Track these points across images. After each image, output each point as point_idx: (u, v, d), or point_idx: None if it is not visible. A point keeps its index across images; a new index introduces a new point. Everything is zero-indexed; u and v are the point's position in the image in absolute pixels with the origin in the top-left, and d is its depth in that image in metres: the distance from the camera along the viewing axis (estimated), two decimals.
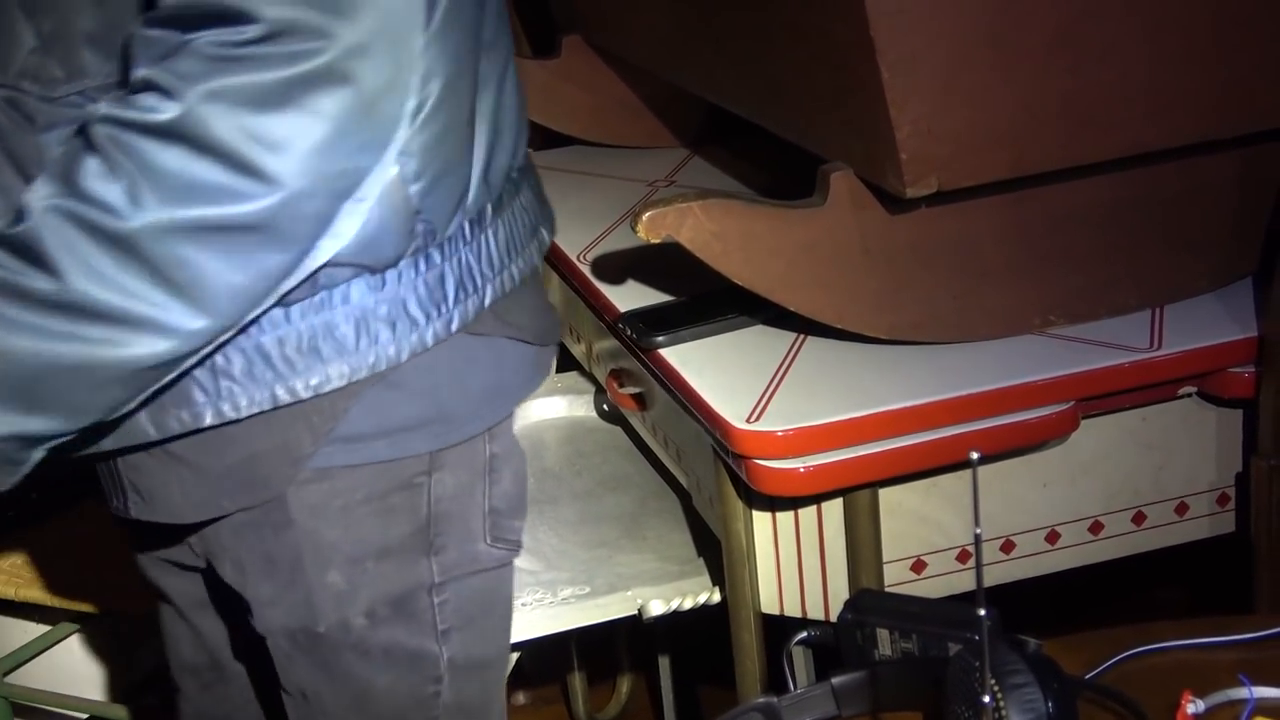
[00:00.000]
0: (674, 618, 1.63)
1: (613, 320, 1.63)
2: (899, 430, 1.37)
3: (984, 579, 0.94)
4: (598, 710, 2.41)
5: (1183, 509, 1.53)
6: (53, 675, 2.33)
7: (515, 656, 1.64)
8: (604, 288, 1.68)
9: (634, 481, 1.85)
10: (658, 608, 1.59)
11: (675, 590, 1.61)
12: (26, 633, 2.30)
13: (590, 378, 1.95)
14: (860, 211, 1.41)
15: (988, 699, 0.99)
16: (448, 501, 1.19)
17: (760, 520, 1.45)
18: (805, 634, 1.38)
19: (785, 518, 1.44)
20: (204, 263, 0.98)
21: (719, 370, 1.47)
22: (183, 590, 1.34)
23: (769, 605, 1.48)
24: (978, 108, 1.34)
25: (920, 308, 1.46)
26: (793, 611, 1.48)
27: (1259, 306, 1.47)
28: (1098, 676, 1.19)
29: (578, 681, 2.36)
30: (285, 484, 1.14)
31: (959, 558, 1.48)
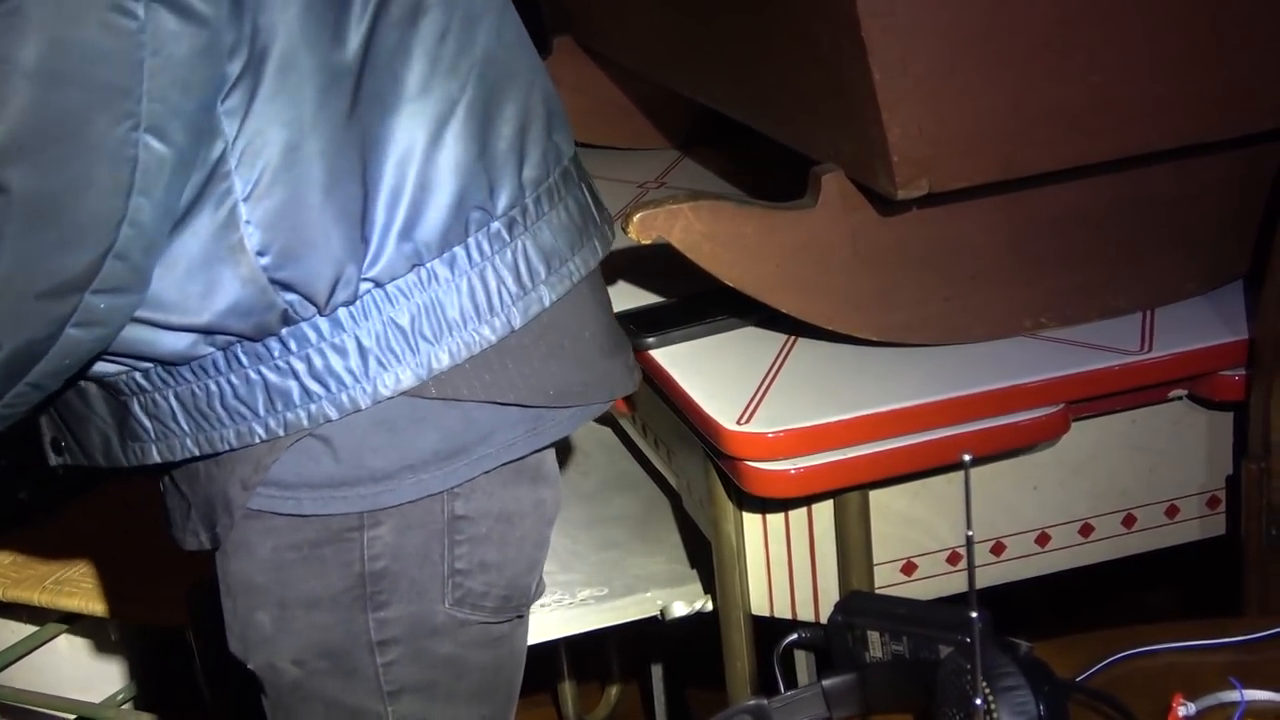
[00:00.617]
0: (670, 623, 1.63)
1: None
2: (890, 432, 1.37)
3: (975, 581, 0.94)
4: (587, 714, 2.41)
5: (1173, 511, 1.53)
6: (40, 676, 2.33)
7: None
8: None
9: (640, 482, 1.85)
10: (680, 609, 1.59)
11: (695, 593, 1.62)
12: (14, 633, 2.29)
13: None
14: (851, 213, 1.41)
15: (979, 701, 0.99)
16: (388, 559, 1.14)
17: (750, 522, 1.44)
18: (796, 635, 1.38)
19: (776, 519, 1.44)
20: None
21: (710, 372, 1.47)
22: None
23: (759, 607, 1.48)
24: (969, 110, 1.34)
25: (911, 309, 1.45)
26: (783, 613, 1.48)
27: (1250, 309, 1.47)
28: (1089, 679, 1.19)
29: (568, 686, 2.36)
30: (226, 530, 1.14)
31: (949, 560, 1.48)
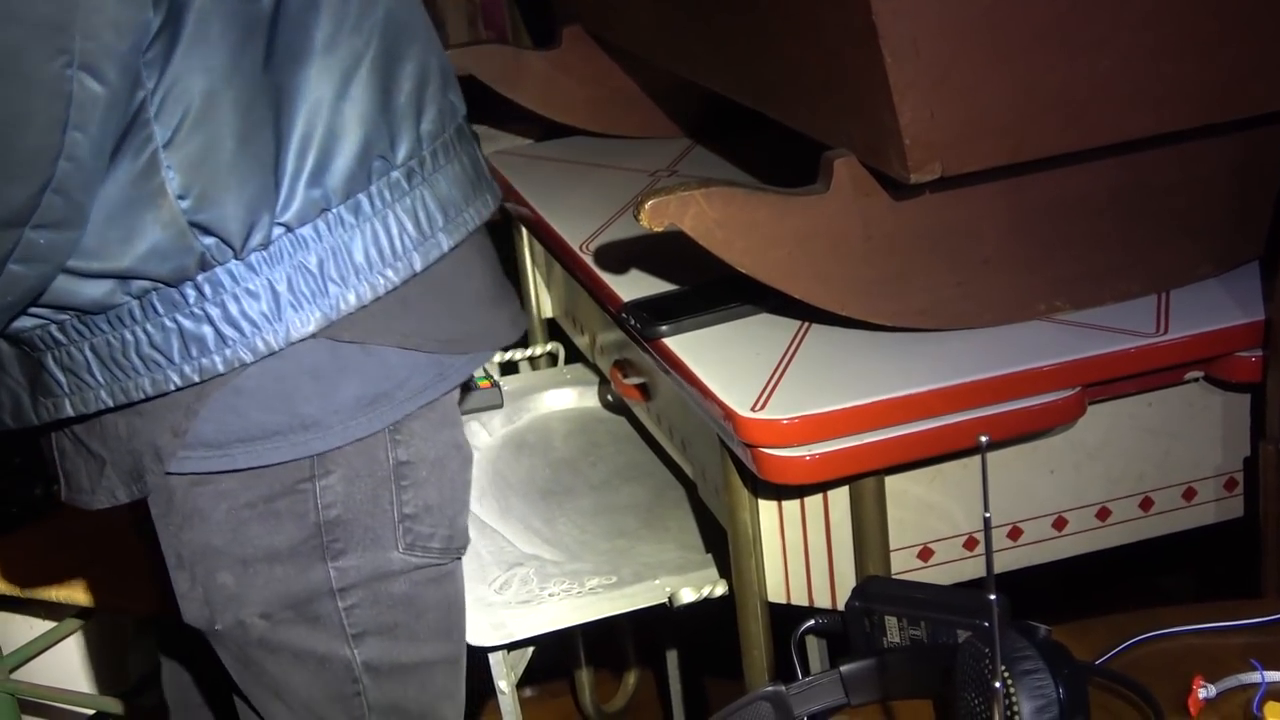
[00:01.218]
0: (682, 609, 1.62)
1: (616, 310, 1.62)
2: (905, 417, 1.37)
3: (993, 565, 0.94)
4: (604, 702, 2.41)
5: (1190, 494, 1.53)
6: (58, 671, 2.34)
7: (530, 652, 1.64)
8: (607, 278, 1.68)
9: (649, 471, 1.85)
10: (688, 595, 1.59)
11: (705, 579, 1.61)
12: (32, 629, 2.30)
13: (596, 369, 1.95)
14: (863, 198, 1.40)
15: (998, 685, 0.99)
16: (343, 508, 1.18)
17: (766, 509, 1.44)
18: (813, 622, 1.38)
19: (791, 506, 1.44)
20: None
21: (723, 359, 1.47)
22: None
23: (776, 594, 1.48)
24: (980, 92, 1.33)
25: (924, 294, 1.45)
26: (799, 600, 1.48)
27: (1265, 290, 1.47)
28: (1108, 662, 1.19)
29: (584, 675, 2.36)
30: (158, 478, 1.15)
31: (966, 545, 1.48)
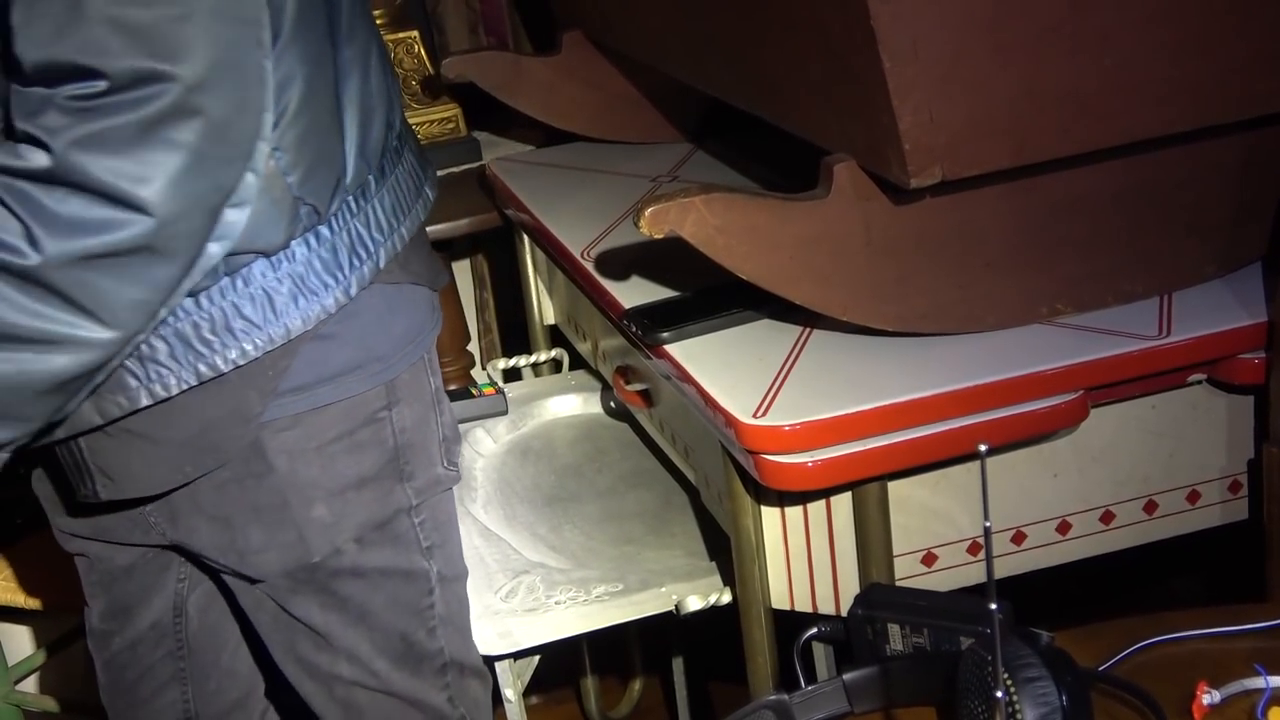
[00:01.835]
0: (686, 616, 1.62)
1: (618, 317, 1.62)
2: (907, 422, 1.37)
3: (995, 571, 0.94)
4: (610, 709, 2.41)
5: (1194, 497, 1.52)
6: (61, 683, 2.33)
7: (536, 659, 1.63)
8: (608, 284, 1.68)
9: (655, 477, 1.84)
10: (695, 603, 1.59)
11: (711, 586, 1.61)
12: (35, 641, 2.30)
13: (598, 375, 1.94)
14: (864, 203, 1.40)
15: (1000, 693, 0.98)
16: (410, 432, 1.36)
17: (769, 515, 1.44)
18: (816, 629, 1.37)
19: (794, 512, 1.44)
20: (101, 283, 1.12)
21: (725, 365, 1.46)
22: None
23: (779, 601, 1.47)
24: (980, 95, 1.33)
25: (926, 299, 1.45)
26: (803, 607, 1.47)
27: (1269, 291, 1.46)
28: (1111, 668, 1.18)
29: (590, 682, 2.36)
30: (241, 443, 1.27)
31: (970, 550, 1.48)
